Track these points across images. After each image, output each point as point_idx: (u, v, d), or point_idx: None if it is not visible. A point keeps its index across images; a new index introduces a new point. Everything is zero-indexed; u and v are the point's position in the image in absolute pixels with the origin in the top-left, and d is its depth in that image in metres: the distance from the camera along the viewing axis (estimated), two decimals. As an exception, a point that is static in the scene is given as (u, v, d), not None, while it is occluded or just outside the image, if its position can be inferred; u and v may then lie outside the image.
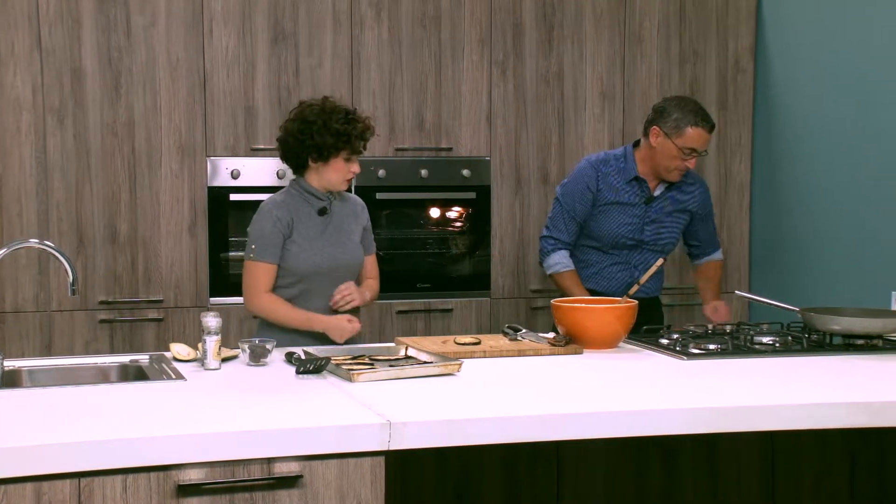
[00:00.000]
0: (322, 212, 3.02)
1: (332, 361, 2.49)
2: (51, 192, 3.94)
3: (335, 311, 2.99)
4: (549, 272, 3.53)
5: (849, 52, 4.03)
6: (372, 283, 3.16)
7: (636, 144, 3.51)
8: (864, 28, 3.97)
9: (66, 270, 2.69)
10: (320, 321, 2.94)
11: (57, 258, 2.72)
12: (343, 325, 2.93)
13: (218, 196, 4.11)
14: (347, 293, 2.98)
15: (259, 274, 2.97)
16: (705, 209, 3.60)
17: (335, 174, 2.98)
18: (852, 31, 4.02)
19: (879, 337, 2.87)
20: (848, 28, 4.05)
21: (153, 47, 4.00)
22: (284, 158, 3.04)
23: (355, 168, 3.00)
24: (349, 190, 3.20)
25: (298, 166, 3.01)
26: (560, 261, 3.48)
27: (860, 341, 2.85)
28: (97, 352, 3.93)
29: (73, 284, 2.70)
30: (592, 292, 3.40)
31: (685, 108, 3.36)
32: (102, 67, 3.96)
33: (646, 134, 3.44)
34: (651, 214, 3.47)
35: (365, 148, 3.02)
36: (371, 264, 3.16)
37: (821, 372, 2.58)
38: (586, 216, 3.48)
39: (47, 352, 3.92)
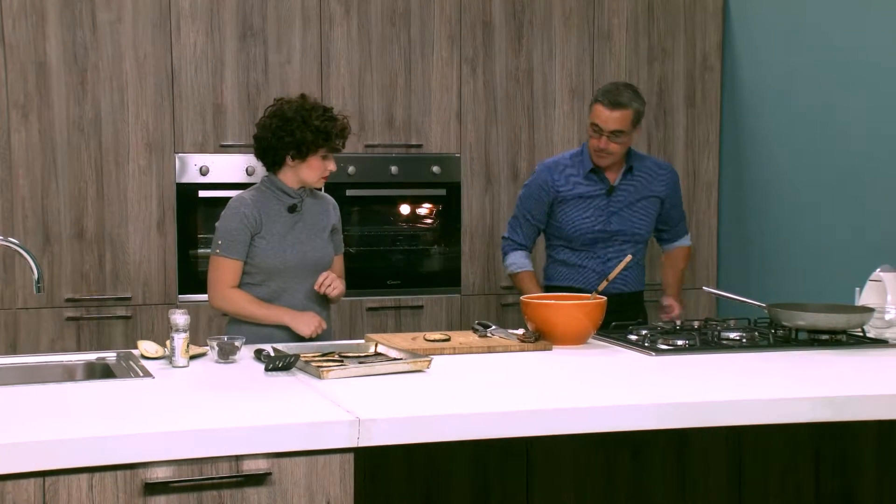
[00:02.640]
0: (292, 209, 3.01)
1: (302, 358, 2.48)
2: (16, 188, 3.90)
3: (309, 307, 2.99)
4: (507, 273, 3.61)
5: (815, 50, 4.07)
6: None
7: None
8: (829, 26, 4.01)
9: (31, 268, 2.66)
10: (289, 314, 2.94)
11: (22, 255, 2.69)
12: (308, 318, 2.93)
13: (187, 193, 4.08)
14: (331, 278, 2.98)
15: (224, 269, 2.96)
16: (675, 195, 3.58)
17: (311, 172, 2.97)
18: (818, 29, 4.06)
19: (843, 332, 2.91)
20: (814, 26, 4.09)
21: (119, 43, 3.96)
22: (260, 155, 3.02)
23: (331, 166, 3.00)
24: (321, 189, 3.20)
25: (275, 163, 3.00)
26: (515, 261, 3.54)
27: (825, 336, 2.88)
28: (64, 350, 3.90)
29: (38, 282, 2.67)
30: (571, 289, 3.40)
31: (603, 88, 3.41)
32: (68, 63, 3.92)
33: None
34: (615, 204, 3.47)
35: (343, 146, 3.01)
36: (338, 264, 3.16)
37: (787, 367, 2.61)
38: (545, 218, 3.51)
39: (12, 350, 3.88)
